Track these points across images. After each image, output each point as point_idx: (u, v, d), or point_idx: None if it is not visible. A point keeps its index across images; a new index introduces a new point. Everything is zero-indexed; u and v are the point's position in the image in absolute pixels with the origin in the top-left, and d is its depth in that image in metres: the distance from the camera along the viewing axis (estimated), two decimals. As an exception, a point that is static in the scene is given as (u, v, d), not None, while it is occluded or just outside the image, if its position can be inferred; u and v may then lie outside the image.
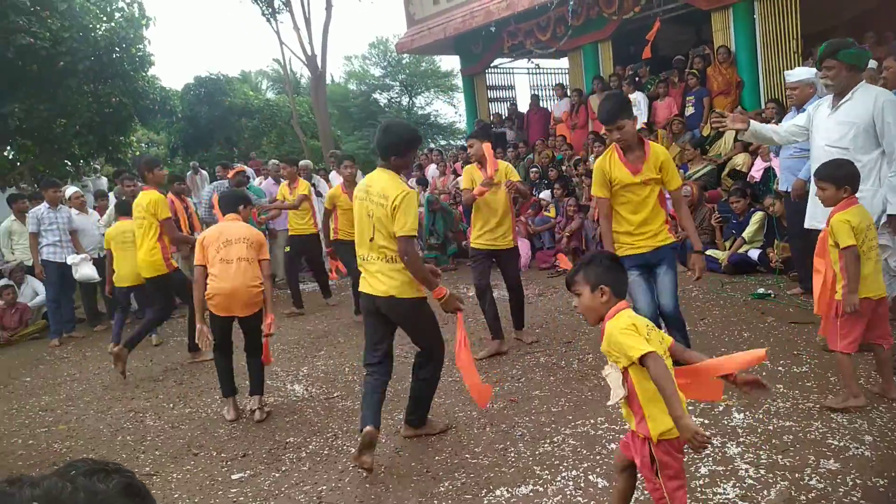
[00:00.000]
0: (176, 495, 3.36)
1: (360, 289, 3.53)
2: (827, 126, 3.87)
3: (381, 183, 3.37)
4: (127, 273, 6.13)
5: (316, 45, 16.96)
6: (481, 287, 5.11)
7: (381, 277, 3.38)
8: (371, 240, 3.38)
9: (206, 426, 4.28)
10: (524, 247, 8.77)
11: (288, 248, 7.85)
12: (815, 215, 4.05)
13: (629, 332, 2.15)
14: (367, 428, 3.24)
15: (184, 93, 19.14)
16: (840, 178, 3.33)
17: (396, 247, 3.30)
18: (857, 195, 3.43)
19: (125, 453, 4.01)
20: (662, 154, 3.84)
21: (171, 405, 4.80)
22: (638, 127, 9.30)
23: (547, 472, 3.11)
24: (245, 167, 9.59)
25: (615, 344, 2.17)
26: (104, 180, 14.64)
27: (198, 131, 19.05)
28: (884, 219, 3.71)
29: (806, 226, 4.29)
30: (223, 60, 59.66)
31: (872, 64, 4.66)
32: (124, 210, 6.27)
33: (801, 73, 5.12)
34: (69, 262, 7.30)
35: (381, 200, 3.32)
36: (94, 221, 8.18)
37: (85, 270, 7.23)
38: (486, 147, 5.07)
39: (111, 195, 10.06)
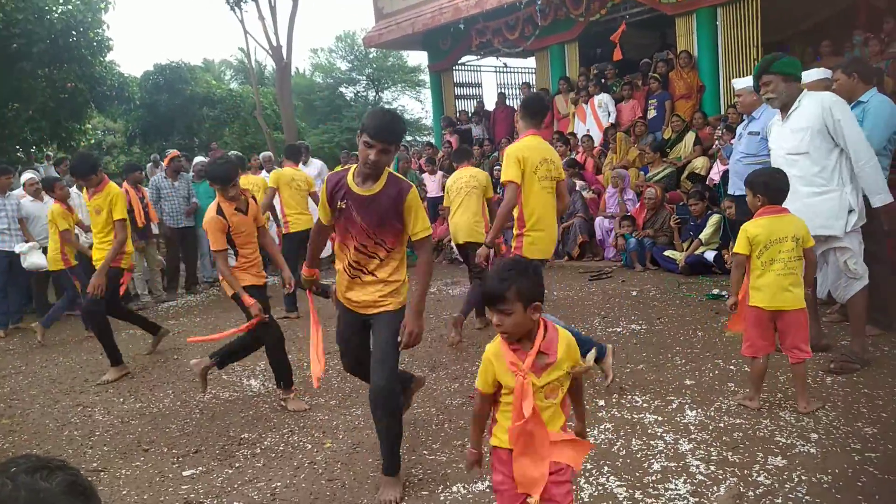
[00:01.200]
0: (124, 492, 3.27)
1: None
2: (782, 136, 3.97)
3: None
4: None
5: (281, 36, 16.73)
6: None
7: None
8: None
9: (157, 422, 4.18)
10: None
11: None
12: None
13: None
14: None
15: (143, 80, 18.66)
16: (755, 185, 3.47)
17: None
18: (822, 196, 3.69)
19: (72, 449, 3.89)
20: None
21: (122, 400, 4.67)
22: (605, 126, 9.43)
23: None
24: (179, 153, 9.33)
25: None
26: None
27: (157, 120, 18.59)
28: (854, 218, 3.79)
29: None
30: (185, 48, 58.43)
31: (827, 73, 4.78)
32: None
33: (745, 81, 5.26)
34: (17, 250, 7.05)
35: None
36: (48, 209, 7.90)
37: (33, 259, 6.99)
38: None
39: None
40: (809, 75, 5.19)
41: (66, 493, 0.80)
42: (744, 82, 5.25)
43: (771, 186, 3.44)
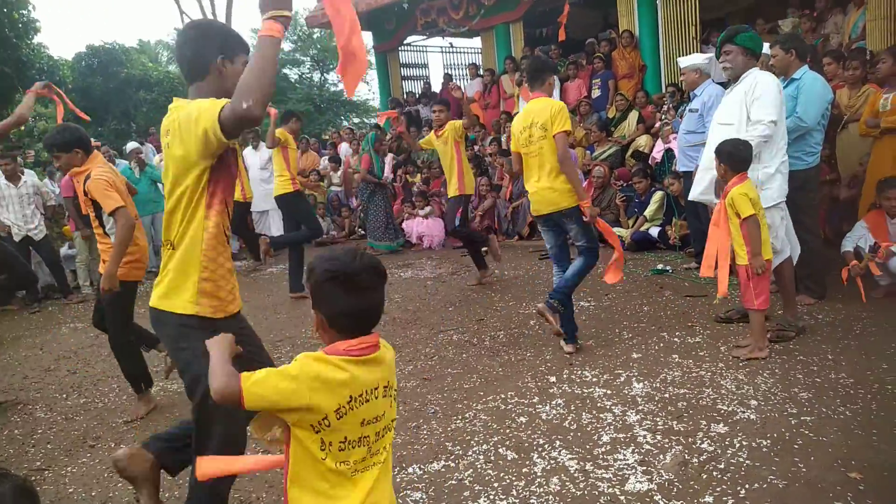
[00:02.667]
0: (70, 490, 3.18)
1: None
2: (723, 105, 4.16)
3: None
4: None
5: (220, 16, 16.20)
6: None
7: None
8: None
9: (103, 416, 4.06)
10: (437, 226, 8.81)
11: None
12: (702, 189, 4.33)
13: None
14: None
15: (75, 63, 17.86)
16: (720, 154, 3.74)
17: None
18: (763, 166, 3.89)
19: (13, 448, 3.74)
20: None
21: (65, 396, 4.52)
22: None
23: (458, 447, 3.15)
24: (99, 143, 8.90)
25: None
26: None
27: (91, 104, 17.81)
28: (769, 194, 3.94)
29: (690, 197, 4.61)
30: (118, 29, 56.01)
31: (767, 50, 4.92)
32: None
33: (690, 60, 5.39)
34: None
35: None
36: None
37: None
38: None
39: None
40: (684, 60, 5.44)
41: (15, 496, 0.80)
42: (687, 60, 5.36)
43: (734, 156, 3.70)
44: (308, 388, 1.47)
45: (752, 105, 3.92)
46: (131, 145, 9.25)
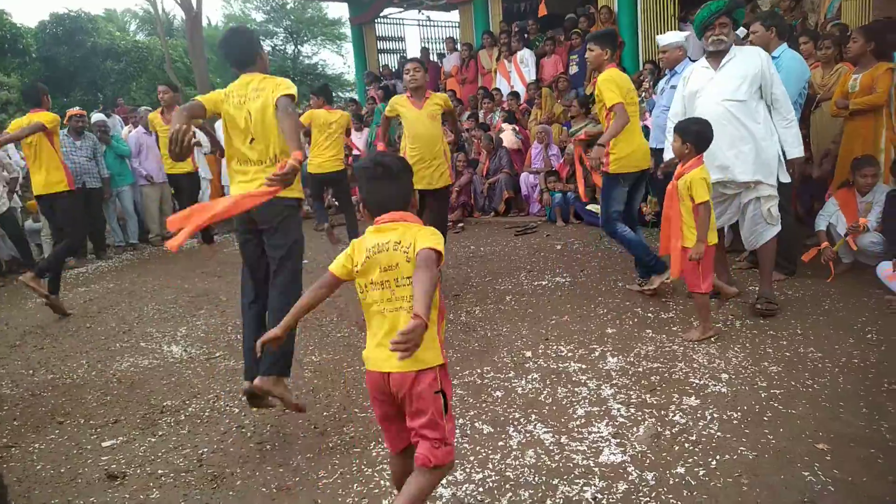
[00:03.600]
0: (39, 466, 3.12)
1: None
2: (718, 83, 3.99)
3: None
4: None
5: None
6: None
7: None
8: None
9: (71, 393, 3.98)
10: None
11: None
12: (710, 170, 4.17)
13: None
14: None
15: (38, 30, 17.23)
16: (687, 133, 3.69)
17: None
18: (766, 143, 3.89)
19: (-23, 425, 3.66)
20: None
21: (31, 372, 4.42)
22: (529, 82, 9.39)
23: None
24: (80, 111, 8.58)
25: None
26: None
27: (57, 74, 17.27)
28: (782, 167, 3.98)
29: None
30: (85, -3, 54.10)
31: (741, 32, 4.93)
32: None
33: (670, 37, 5.36)
34: None
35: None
36: None
37: None
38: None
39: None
40: (665, 38, 5.41)
41: None
42: (668, 38, 5.33)
43: (702, 136, 3.67)
44: (350, 250, 2.14)
45: (773, 83, 3.90)
46: (96, 117, 8.96)
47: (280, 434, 3.22)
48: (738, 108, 3.92)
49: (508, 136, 8.64)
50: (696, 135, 3.66)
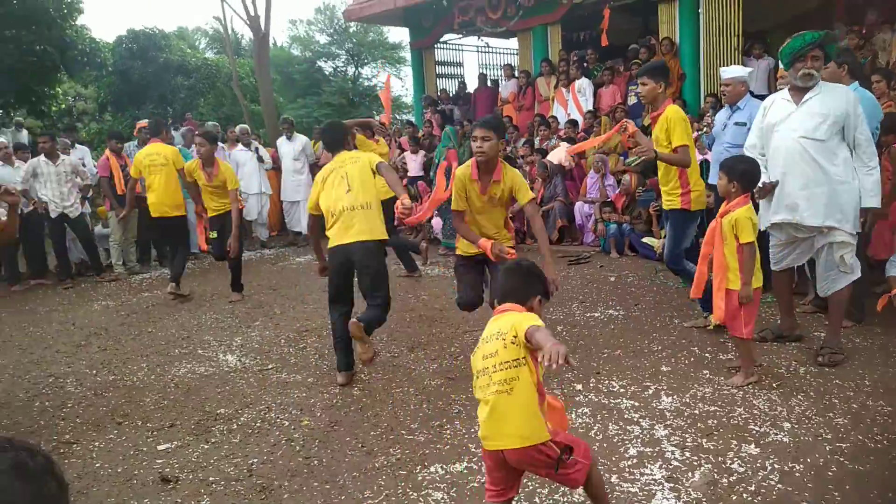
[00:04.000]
0: (97, 465, 3.22)
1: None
2: (799, 118, 3.83)
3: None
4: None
5: (259, 6, 16.32)
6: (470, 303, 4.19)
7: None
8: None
9: (131, 395, 4.12)
10: (438, 223, 8.75)
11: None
12: (778, 209, 3.99)
13: None
14: None
15: (115, 45, 18.10)
16: (733, 171, 3.60)
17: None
18: (844, 187, 3.72)
19: (43, 420, 3.81)
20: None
21: (94, 372, 4.59)
22: (586, 111, 9.37)
23: (481, 449, 3.13)
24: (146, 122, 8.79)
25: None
26: (25, 133, 13.74)
27: (129, 87, 18.06)
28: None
29: (771, 221, 4.05)
30: (159, 14, 56.77)
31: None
32: None
33: (734, 71, 5.25)
34: None
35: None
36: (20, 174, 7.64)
37: None
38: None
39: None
40: (729, 72, 5.27)
41: (9, 473, 0.77)
42: (732, 72, 5.24)
43: (749, 175, 3.61)
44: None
45: (854, 124, 3.75)
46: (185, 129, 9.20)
47: (328, 450, 3.24)
48: (816, 147, 3.75)
49: (558, 153, 8.61)
50: (742, 173, 3.57)
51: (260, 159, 9.60)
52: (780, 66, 5.03)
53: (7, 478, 0.77)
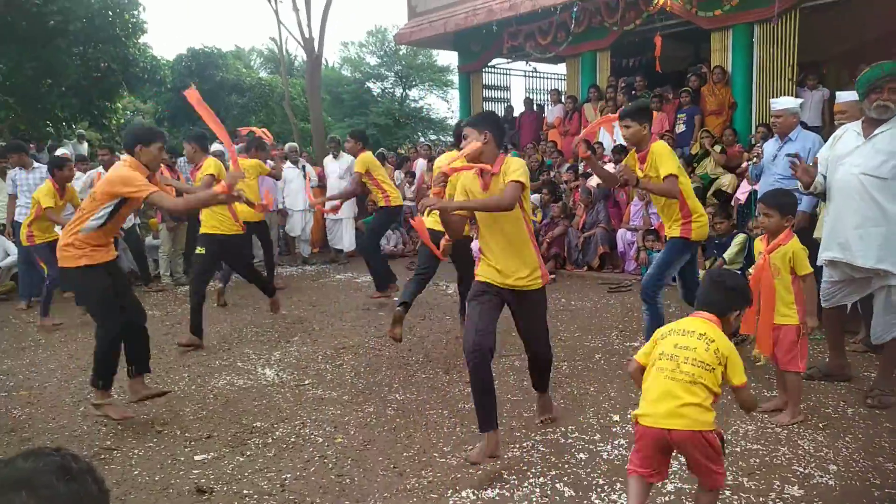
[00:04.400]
0: (136, 472, 3.30)
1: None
2: (863, 153, 3.69)
3: None
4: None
5: (314, 29, 16.78)
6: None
7: None
8: None
9: (171, 404, 4.21)
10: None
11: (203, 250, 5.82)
12: (830, 245, 3.85)
13: None
14: None
15: (175, 63, 18.85)
16: (786, 207, 3.57)
17: None
18: None
19: (86, 425, 3.93)
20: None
21: (138, 380, 4.70)
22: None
23: (514, 477, 3.10)
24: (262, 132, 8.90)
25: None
26: (85, 145, 14.36)
27: (186, 103, 18.69)
28: None
29: (822, 259, 3.91)
30: (217, 34, 58.90)
31: (851, 97, 4.62)
32: None
33: (786, 103, 5.14)
34: (18, 220, 7.22)
35: None
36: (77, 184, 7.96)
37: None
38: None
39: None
40: (843, 96, 5.08)
41: (48, 472, 0.85)
42: (784, 103, 5.13)
43: (791, 208, 3.60)
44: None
45: None
46: (60, 151, 8.80)
47: (360, 469, 3.25)
48: (877, 185, 3.59)
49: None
50: (788, 206, 3.57)
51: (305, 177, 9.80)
52: (837, 99, 4.92)
53: (51, 478, 0.84)
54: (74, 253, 3.78)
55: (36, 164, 7.55)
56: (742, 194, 7.44)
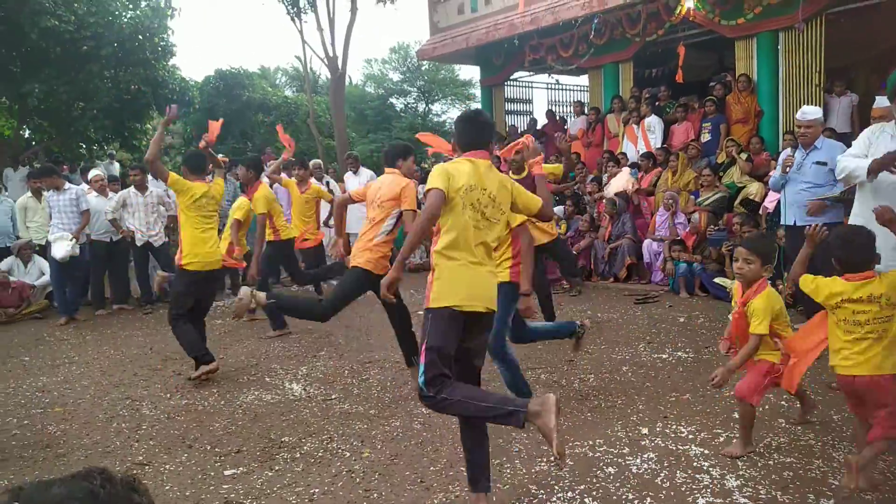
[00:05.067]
0: (167, 487, 3.34)
1: None
2: None
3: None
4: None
5: (338, 47, 17.03)
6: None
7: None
8: None
9: (201, 419, 4.26)
10: None
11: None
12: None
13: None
14: None
15: (203, 84, 19.26)
16: (769, 256, 3.38)
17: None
18: None
19: (119, 440, 3.99)
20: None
21: (168, 395, 4.78)
22: (655, 149, 9.23)
23: (542, 491, 3.07)
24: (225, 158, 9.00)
25: None
26: (117, 165, 14.70)
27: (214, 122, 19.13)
28: None
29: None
30: (243, 54, 60.03)
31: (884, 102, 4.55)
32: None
33: (815, 113, 5.07)
34: (49, 238, 7.39)
35: None
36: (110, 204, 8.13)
37: (56, 249, 7.28)
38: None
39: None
40: (882, 101, 4.97)
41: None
42: (813, 113, 5.07)
43: (773, 255, 3.45)
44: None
45: None
46: (93, 172, 8.73)
47: (387, 483, 3.25)
48: None
49: (620, 179, 8.50)
50: (772, 257, 3.41)
51: (330, 192, 9.89)
52: (875, 104, 4.83)
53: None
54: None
55: (67, 185, 7.75)
56: (770, 203, 7.33)
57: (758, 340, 3.24)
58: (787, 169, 5.14)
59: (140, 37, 13.72)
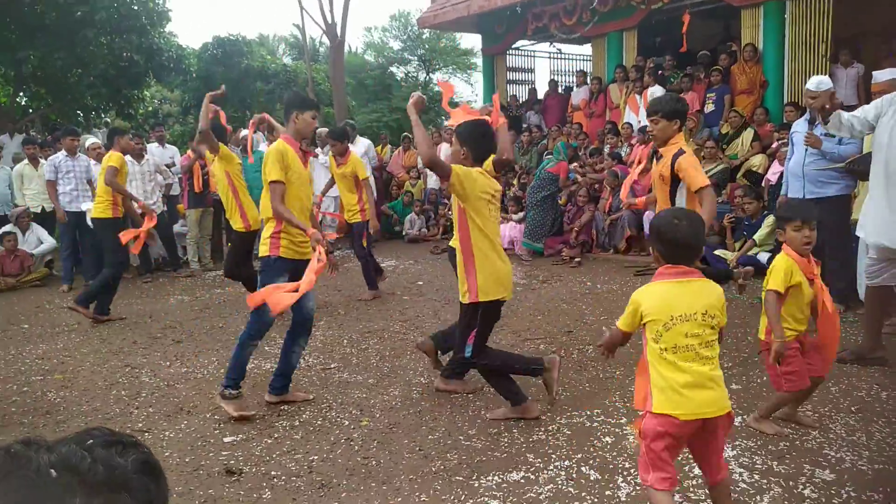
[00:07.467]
0: (167, 453, 3.36)
1: None
2: None
3: None
4: None
5: (337, 14, 16.76)
6: None
7: None
8: None
9: (201, 387, 4.28)
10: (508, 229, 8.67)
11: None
12: (879, 231, 3.74)
13: None
14: None
15: (201, 52, 18.99)
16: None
17: None
18: None
19: (119, 407, 4.01)
20: None
21: (168, 363, 4.80)
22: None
23: (539, 460, 3.09)
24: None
25: None
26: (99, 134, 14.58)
27: (212, 91, 18.93)
28: None
29: (871, 240, 3.83)
30: (242, 22, 59.20)
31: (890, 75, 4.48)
32: None
33: (827, 83, 4.98)
34: (83, 208, 7.33)
35: None
36: None
37: None
38: None
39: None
40: (882, 75, 4.91)
41: (139, 471, 0.80)
42: (825, 83, 4.97)
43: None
44: None
45: None
46: (91, 140, 8.20)
47: (386, 451, 3.27)
48: None
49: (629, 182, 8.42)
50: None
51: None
52: (874, 79, 4.76)
53: (137, 477, 0.80)
54: None
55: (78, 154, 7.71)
56: (773, 175, 7.28)
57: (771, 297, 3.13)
58: (819, 145, 5.01)
59: (134, 2, 13.49)
